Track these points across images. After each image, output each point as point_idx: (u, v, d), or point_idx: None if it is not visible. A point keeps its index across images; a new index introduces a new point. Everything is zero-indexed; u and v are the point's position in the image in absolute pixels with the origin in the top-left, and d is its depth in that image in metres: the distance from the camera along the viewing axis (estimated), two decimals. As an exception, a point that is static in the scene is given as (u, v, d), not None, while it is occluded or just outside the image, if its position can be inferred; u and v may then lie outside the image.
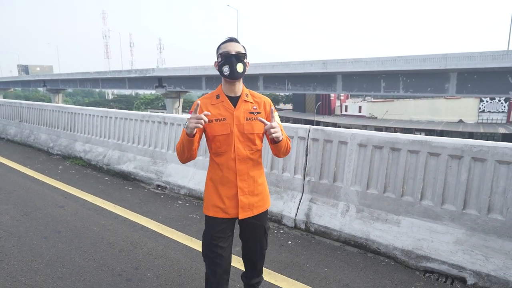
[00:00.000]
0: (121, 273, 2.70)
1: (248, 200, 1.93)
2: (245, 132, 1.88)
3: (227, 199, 1.90)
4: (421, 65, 22.74)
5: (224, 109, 1.88)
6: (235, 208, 1.91)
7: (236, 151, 1.87)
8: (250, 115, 1.89)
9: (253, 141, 1.91)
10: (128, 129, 5.66)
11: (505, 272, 2.46)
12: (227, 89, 1.90)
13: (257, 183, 1.95)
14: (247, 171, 1.91)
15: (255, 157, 1.94)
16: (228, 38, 1.88)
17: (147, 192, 4.76)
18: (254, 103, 1.93)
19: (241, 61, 1.83)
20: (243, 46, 1.90)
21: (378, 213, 3.16)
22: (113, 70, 42.14)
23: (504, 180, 2.59)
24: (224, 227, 1.93)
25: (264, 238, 2.08)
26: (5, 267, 2.74)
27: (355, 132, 3.35)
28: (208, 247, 1.95)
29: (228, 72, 1.81)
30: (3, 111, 9.43)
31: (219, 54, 1.85)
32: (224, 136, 1.86)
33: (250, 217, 1.96)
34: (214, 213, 1.92)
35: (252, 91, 1.98)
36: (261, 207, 2.00)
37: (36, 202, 4.24)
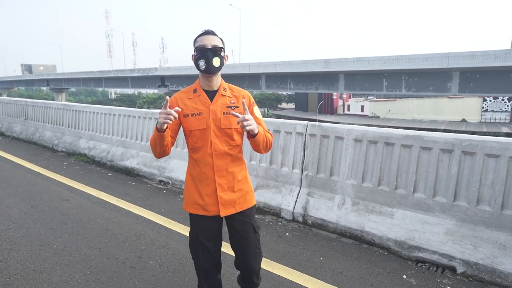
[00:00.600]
0: (125, 261, 2.83)
1: (228, 197, 1.85)
2: (222, 127, 1.81)
3: (206, 196, 1.84)
4: (423, 64, 22.76)
5: (201, 103, 1.82)
6: (215, 205, 1.83)
7: (213, 146, 1.81)
8: (228, 109, 1.81)
9: (230, 136, 1.83)
10: (131, 126, 5.79)
11: (492, 261, 2.57)
12: (204, 83, 1.84)
13: (236, 179, 1.87)
14: (226, 167, 1.84)
15: (234, 152, 1.87)
16: (204, 30, 1.81)
17: (150, 187, 4.89)
18: (232, 97, 1.86)
19: (218, 55, 1.76)
20: (221, 39, 1.82)
21: (372, 206, 3.27)
22: (116, 70, 42.38)
23: (492, 173, 2.70)
24: (207, 226, 1.87)
25: (255, 239, 1.93)
26: (15, 255, 2.87)
27: (351, 128, 3.46)
28: (194, 246, 1.92)
29: (204, 67, 1.75)
30: (9, 109, 9.60)
31: (195, 48, 1.78)
32: (200, 131, 1.80)
33: (236, 214, 1.88)
34: (194, 210, 1.86)
35: (232, 85, 1.93)
36: (245, 203, 1.90)
37: (42, 196, 4.38)
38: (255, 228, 1.93)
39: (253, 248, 1.92)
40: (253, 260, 1.93)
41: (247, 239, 1.90)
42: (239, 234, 1.90)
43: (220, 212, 1.83)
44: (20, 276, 2.58)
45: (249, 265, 1.93)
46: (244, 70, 31.31)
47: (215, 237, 1.91)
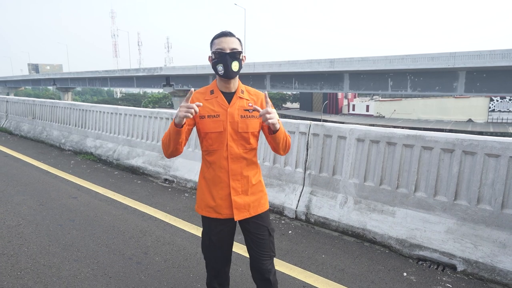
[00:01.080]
0: (131, 257, 2.90)
1: (243, 200, 1.81)
2: (239, 130, 1.76)
3: (219, 199, 1.80)
4: (429, 64, 22.63)
5: (218, 105, 1.77)
6: (229, 209, 1.80)
7: (229, 149, 1.77)
8: (245, 113, 1.77)
9: (247, 140, 1.79)
10: (137, 125, 5.88)
11: (492, 259, 2.60)
12: (222, 85, 1.80)
13: (251, 183, 1.84)
14: (241, 171, 1.80)
15: (250, 156, 1.83)
16: (222, 32, 1.74)
17: (155, 185, 4.97)
18: (250, 100, 1.82)
19: (237, 58, 1.71)
20: (239, 40, 1.77)
21: (374, 205, 3.31)
22: (121, 69, 42.66)
23: (493, 172, 2.73)
24: (220, 229, 1.85)
25: (269, 241, 1.89)
26: (25, 250, 2.96)
27: (353, 127, 3.50)
28: (206, 248, 1.91)
29: (222, 72, 1.71)
30: (17, 109, 9.75)
31: (213, 52, 1.73)
32: (217, 133, 1.76)
33: (251, 218, 1.85)
34: (207, 212, 1.83)
35: (249, 87, 1.88)
36: (259, 207, 1.87)
37: (50, 193, 4.48)
38: (270, 231, 1.90)
39: (267, 251, 1.88)
40: (267, 262, 1.89)
41: (262, 242, 1.87)
42: (255, 237, 1.86)
43: (234, 216, 1.80)
44: (30, 270, 2.66)
45: (264, 268, 1.88)
46: (249, 69, 31.37)
47: (227, 240, 1.89)
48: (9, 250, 2.97)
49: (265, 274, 1.88)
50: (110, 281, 2.54)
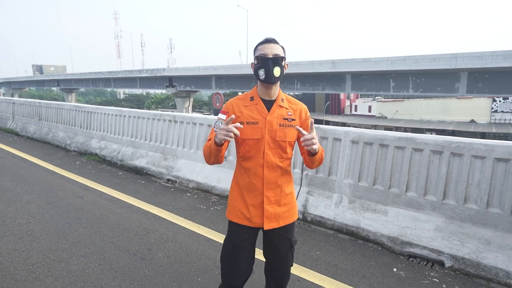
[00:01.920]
0: (136, 253, 3.06)
1: (274, 210, 1.81)
2: (277, 139, 1.77)
3: (252, 207, 1.80)
4: (430, 65, 22.69)
5: (258, 112, 1.78)
6: (260, 218, 1.80)
7: (265, 157, 1.77)
8: (284, 121, 1.78)
9: (284, 149, 1.79)
10: (141, 127, 6.05)
11: (478, 255, 2.74)
12: (262, 92, 1.81)
13: (284, 193, 1.84)
14: (275, 180, 1.80)
15: (285, 165, 1.83)
16: (266, 39, 1.78)
17: (158, 185, 5.14)
18: (289, 109, 1.82)
19: (279, 64, 1.73)
20: (282, 47, 1.79)
21: (368, 204, 3.45)
22: (124, 70, 42.95)
23: (479, 173, 2.87)
24: (247, 237, 1.83)
25: (290, 253, 1.91)
26: (36, 246, 3.13)
27: (348, 130, 3.65)
28: (228, 255, 1.85)
29: (263, 76, 1.72)
30: (23, 110, 9.96)
31: (256, 57, 1.76)
32: (255, 140, 1.76)
33: (277, 229, 1.84)
34: (238, 219, 1.82)
35: (289, 96, 1.88)
36: (288, 218, 1.86)
37: (58, 193, 4.65)
38: (292, 243, 1.91)
39: (286, 261, 1.90)
40: (284, 273, 1.92)
41: (282, 253, 1.88)
42: (276, 248, 1.88)
43: (264, 225, 1.80)
44: (41, 264, 2.83)
45: (280, 277, 1.92)
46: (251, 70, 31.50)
47: (250, 248, 1.87)
48: (21, 246, 3.14)
49: (277, 280, 1.93)
50: (116, 275, 2.70)
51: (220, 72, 32.10)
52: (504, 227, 2.74)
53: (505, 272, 2.61)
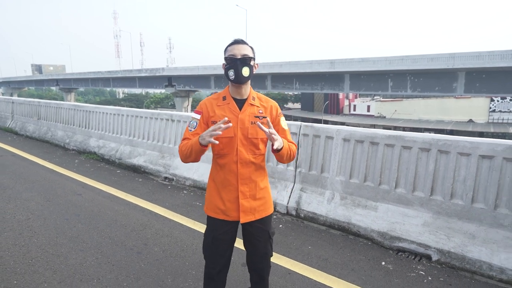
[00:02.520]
0: (132, 247, 3.15)
1: (249, 204, 1.89)
2: (249, 136, 1.84)
3: (228, 201, 1.88)
4: (428, 65, 22.80)
5: (230, 111, 1.85)
6: (236, 211, 1.88)
7: (238, 154, 1.84)
8: (255, 119, 1.85)
9: (256, 146, 1.87)
10: (139, 126, 6.14)
11: (463, 249, 2.84)
12: (234, 92, 1.88)
13: (259, 187, 1.92)
14: (249, 175, 1.88)
15: (258, 161, 1.91)
16: (235, 40, 1.83)
17: (155, 183, 5.22)
18: (260, 107, 1.89)
19: (247, 64, 1.78)
20: (251, 48, 1.84)
21: (359, 200, 3.55)
22: (124, 70, 42.99)
23: (464, 170, 2.96)
24: (225, 230, 1.92)
25: (268, 244, 2.01)
26: (35, 242, 3.22)
27: (340, 128, 3.74)
28: (209, 248, 1.96)
29: (233, 77, 1.79)
30: (23, 110, 10.03)
31: (225, 58, 1.82)
32: (228, 138, 1.83)
33: (254, 221, 1.93)
34: (215, 214, 1.91)
35: (260, 95, 1.95)
36: (264, 212, 1.95)
37: (56, 190, 4.74)
38: (270, 235, 2.00)
39: (265, 251, 1.99)
40: (264, 263, 2.01)
41: (261, 244, 1.97)
42: (255, 239, 1.96)
43: (240, 218, 1.88)
44: (40, 259, 2.92)
45: (260, 266, 2.02)
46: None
47: (230, 241, 1.96)
48: (21, 241, 3.23)
49: (258, 271, 2.03)
50: (113, 268, 2.79)
51: (219, 72, 32.13)
52: (488, 221, 2.83)
53: (488, 265, 2.71)
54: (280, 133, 1.92)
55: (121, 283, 2.59)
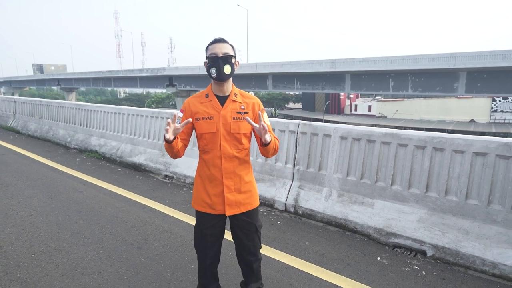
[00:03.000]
0: (133, 243, 3.21)
1: (234, 198, 1.95)
2: (232, 132, 1.90)
3: (213, 196, 1.94)
4: (429, 64, 22.80)
5: (212, 108, 1.91)
6: (222, 205, 1.94)
7: (222, 149, 1.90)
8: (237, 115, 1.91)
9: (239, 140, 1.93)
10: (139, 125, 6.20)
11: (457, 245, 2.89)
12: (216, 89, 1.94)
13: (243, 181, 1.97)
14: (233, 169, 1.94)
15: (242, 155, 1.97)
16: (215, 39, 1.88)
17: (156, 181, 5.29)
18: (242, 103, 1.95)
19: (228, 62, 1.84)
20: (232, 46, 1.90)
21: (356, 197, 3.60)
22: (125, 69, 43.10)
23: (459, 167, 3.01)
24: (213, 223, 1.98)
25: (256, 236, 2.06)
26: (37, 237, 3.28)
27: (337, 126, 3.79)
28: (198, 241, 2.03)
29: (215, 74, 1.84)
30: (24, 109, 10.11)
31: (207, 56, 1.87)
32: (211, 134, 1.90)
33: (240, 214, 1.98)
34: (202, 208, 1.98)
35: (243, 91, 2.01)
36: (249, 205, 2.00)
37: (58, 188, 4.80)
38: (257, 227, 2.05)
39: (253, 244, 2.05)
40: (252, 255, 2.07)
41: (249, 237, 2.03)
42: (242, 232, 2.02)
43: (225, 211, 1.94)
44: (43, 253, 2.98)
45: (248, 258, 2.07)
46: (251, 70, 31.67)
47: (218, 234, 2.03)
48: (23, 236, 3.30)
49: (247, 263, 2.09)
50: (114, 263, 2.85)
51: (220, 72, 32.13)
52: (481, 217, 2.88)
53: (481, 260, 2.76)
54: None
55: (122, 277, 2.65)
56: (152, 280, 2.62)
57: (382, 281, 2.65)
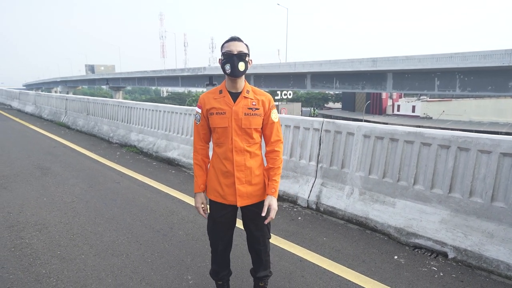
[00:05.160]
0: (159, 230, 3.45)
1: (245, 189, 2.03)
2: (243, 126, 1.98)
3: (225, 186, 2.03)
4: (481, 62, 21.44)
5: (225, 103, 1.99)
6: (233, 196, 2.03)
7: (233, 143, 1.98)
8: (249, 111, 1.99)
9: (250, 135, 2.01)
10: (174, 121, 6.52)
11: (480, 248, 2.79)
12: (229, 85, 2.02)
13: (254, 174, 2.05)
14: (244, 162, 2.02)
15: (253, 149, 2.04)
16: (231, 37, 1.97)
17: (187, 175, 5.55)
18: (254, 99, 2.02)
19: (243, 60, 1.92)
20: (246, 45, 1.98)
21: (377, 196, 3.57)
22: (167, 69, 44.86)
23: (485, 168, 2.90)
24: (224, 213, 2.08)
25: (265, 227, 2.15)
26: (77, 221, 3.63)
27: (361, 124, 3.78)
28: (210, 228, 2.17)
29: (229, 70, 1.92)
30: (74, 106, 10.96)
31: (222, 53, 1.95)
32: (223, 128, 1.99)
33: (251, 206, 2.07)
34: (214, 197, 2.08)
35: (255, 88, 2.08)
36: (260, 196, 2.08)
37: (98, 178, 5.21)
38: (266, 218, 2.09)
39: (262, 234, 2.15)
40: (262, 244, 2.17)
41: (258, 227, 2.13)
42: (252, 223, 2.13)
43: (237, 202, 2.03)
44: (80, 235, 3.30)
45: (257, 248, 2.18)
46: (290, 69, 31.62)
47: (229, 223, 2.14)
48: (65, 219, 3.66)
49: (257, 252, 2.20)
50: (140, 247, 3.09)
51: (258, 71, 32.52)
52: (508, 221, 2.76)
53: (506, 265, 2.65)
54: (269, 125, 2.06)
55: (146, 260, 2.88)
56: (173, 265, 2.81)
57: (395, 279, 2.64)
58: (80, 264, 2.79)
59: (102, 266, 2.77)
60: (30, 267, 2.74)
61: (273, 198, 2.03)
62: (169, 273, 2.70)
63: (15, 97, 18.80)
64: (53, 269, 2.71)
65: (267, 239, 2.21)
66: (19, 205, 4.06)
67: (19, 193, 4.48)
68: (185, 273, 2.69)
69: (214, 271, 2.27)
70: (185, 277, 2.64)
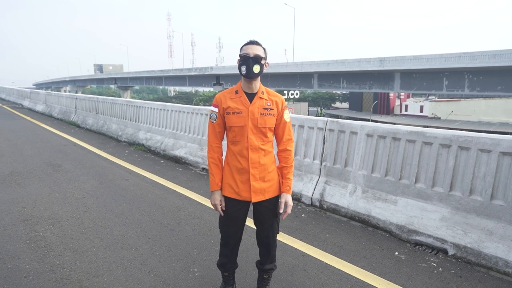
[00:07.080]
0: (167, 225, 3.56)
1: (259, 186, 2.12)
2: (258, 126, 2.08)
3: (240, 183, 2.12)
4: (490, 62, 21.26)
5: (241, 103, 2.08)
6: (248, 192, 2.12)
7: (249, 141, 2.08)
8: (264, 111, 2.09)
9: (264, 134, 2.11)
10: (181, 120, 6.65)
11: (479, 245, 2.85)
12: (245, 86, 2.11)
13: (267, 171, 2.14)
14: (258, 160, 2.11)
15: (267, 147, 2.14)
16: (250, 40, 2.06)
17: (194, 173, 5.67)
18: (268, 100, 2.12)
19: (258, 63, 2.00)
20: (264, 49, 2.07)
21: (379, 194, 3.64)
22: (175, 69, 45.17)
23: (485, 166, 2.96)
24: (237, 209, 2.16)
25: (275, 222, 2.25)
26: (88, 216, 3.77)
27: (364, 124, 3.85)
28: (223, 224, 2.24)
29: (245, 72, 2.01)
30: (83, 105, 11.17)
31: (240, 55, 2.04)
32: (239, 127, 2.08)
33: (264, 201, 2.16)
34: (229, 193, 2.15)
35: (268, 89, 2.18)
36: (272, 192, 2.18)
37: (108, 175, 5.36)
38: (277, 214, 2.24)
39: (272, 229, 2.26)
40: (271, 239, 2.28)
41: (268, 222, 2.23)
42: (263, 218, 2.22)
43: (251, 198, 2.12)
44: (91, 229, 3.43)
45: (266, 241, 2.29)
46: (297, 69, 31.64)
47: (241, 218, 2.21)
48: (76, 214, 3.80)
49: (266, 246, 2.30)
50: (149, 241, 3.21)
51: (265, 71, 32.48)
52: (507, 219, 2.82)
53: (504, 261, 2.70)
54: (282, 125, 2.17)
55: (154, 253, 2.99)
56: (180, 258, 2.92)
57: (395, 273, 2.72)
58: (91, 256, 2.91)
59: (113, 258, 2.89)
60: (44, 258, 2.87)
61: (288, 195, 2.16)
62: (176, 265, 2.81)
63: (26, 96, 19.17)
64: (66, 261, 2.84)
65: (276, 234, 2.31)
66: (33, 200, 4.21)
67: (32, 189, 4.65)
68: (192, 266, 2.80)
69: (222, 263, 2.35)
70: (191, 270, 2.75)
